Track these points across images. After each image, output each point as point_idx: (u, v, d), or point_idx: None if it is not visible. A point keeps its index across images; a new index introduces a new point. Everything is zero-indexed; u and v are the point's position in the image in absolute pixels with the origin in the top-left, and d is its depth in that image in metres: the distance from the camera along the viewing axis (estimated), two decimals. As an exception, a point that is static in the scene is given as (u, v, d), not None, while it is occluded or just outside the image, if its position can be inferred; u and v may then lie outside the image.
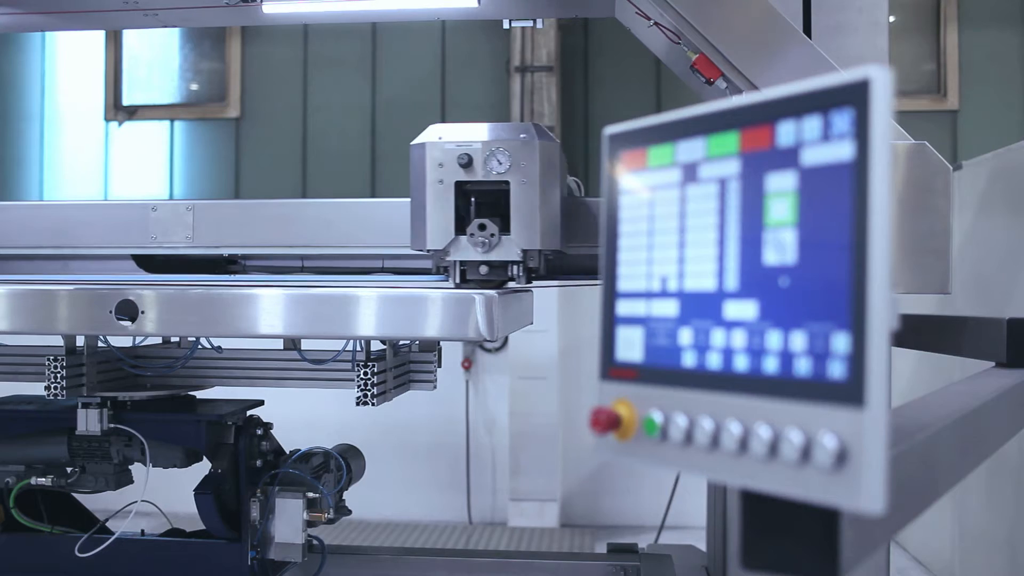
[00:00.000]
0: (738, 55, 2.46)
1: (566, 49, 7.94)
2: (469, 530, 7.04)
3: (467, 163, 2.29)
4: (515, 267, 2.35)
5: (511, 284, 2.40)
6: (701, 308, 0.94)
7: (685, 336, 0.96)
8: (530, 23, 3.11)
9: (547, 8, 3.15)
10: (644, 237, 1.03)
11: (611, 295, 1.05)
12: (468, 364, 7.29)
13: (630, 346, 1.03)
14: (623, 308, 1.04)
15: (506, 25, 3.14)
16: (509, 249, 2.32)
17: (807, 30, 2.61)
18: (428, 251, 2.36)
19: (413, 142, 2.39)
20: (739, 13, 2.51)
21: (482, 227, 2.31)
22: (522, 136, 2.31)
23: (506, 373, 7.23)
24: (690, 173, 0.98)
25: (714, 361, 0.92)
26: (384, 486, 6.00)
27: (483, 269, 2.35)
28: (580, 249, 2.68)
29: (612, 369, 1.04)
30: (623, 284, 1.05)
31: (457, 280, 2.37)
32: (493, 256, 2.33)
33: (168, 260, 2.97)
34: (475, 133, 2.33)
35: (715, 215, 0.94)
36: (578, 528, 7.08)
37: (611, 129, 1.08)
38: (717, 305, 0.92)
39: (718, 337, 0.92)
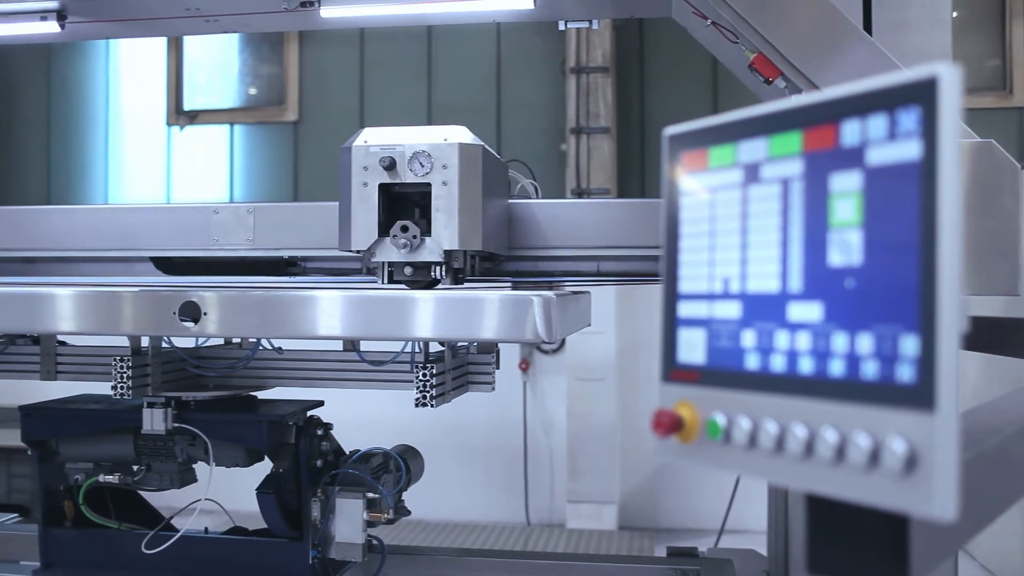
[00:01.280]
0: (798, 54, 2.43)
1: (621, 50, 7.91)
2: (527, 531, 7.04)
3: (390, 166, 2.33)
4: (437, 268, 2.39)
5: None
6: (764, 310, 0.93)
7: (748, 338, 0.95)
8: (586, 24, 3.10)
9: (603, 9, 3.14)
10: (705, 238, 1.02)
11: (672, 297, 1.05)
12: (525, 366, 7.30)
13: (692, 348, 1.02)
14: (685, 310, 1.04)
15: (562, 26, 3.14)
16: (432, 250, 2.36)
17: (868, 27, 2.57)
18: (356, 252, 2.41)
19: (342, 146, 2.44)
20: (798, 11, 2.48)
21: (404, 228, 2.35)
22: (444, 139, 2.35)
23: (563, 374, 7.23)
24: (752, 174, 0.97)
25: (778, 363, 0.91)
26: (442, 487, 6.02)
27: (408, 270, 2.40)
28: (525, 251, 2.74)
29: (674, 371, 1.04)
30: (685, 286, 1.04)
31: (385, 281, 2.41)
32: (417, 257, 2.37)
33: (189, 262, 3.02)
34: (400, 137, 2.37)
35: (778, 216, 0.93)
36: (636, 531, 7.05)
37: (671, 130, 1.08)
38: (781, 307, 0.91)
39: (782, 339, 0.91)
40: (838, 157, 0.88)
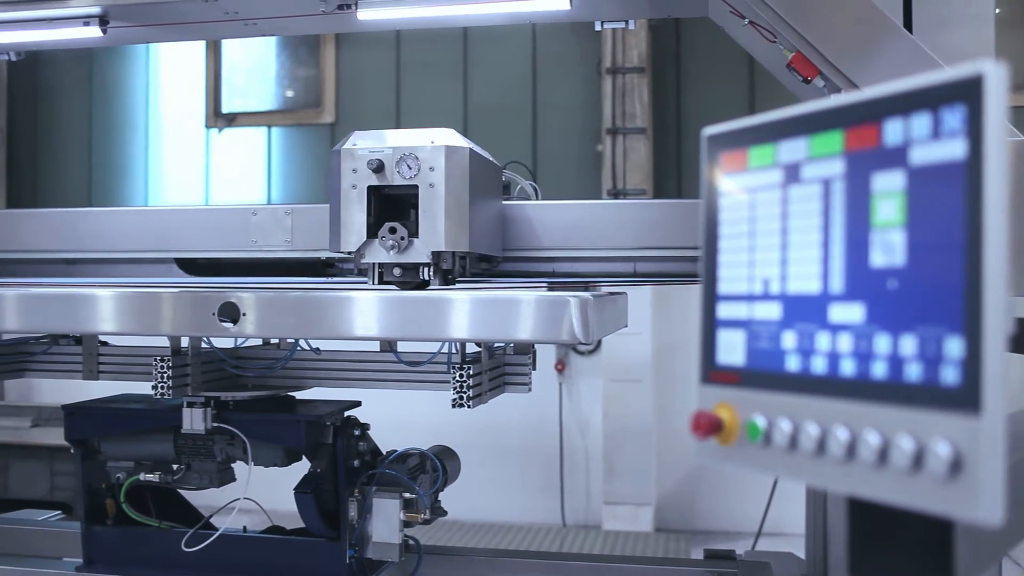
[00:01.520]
0: (837, 52, 2.41)
1: (657, 50, 7.88)
2: (563, 533, 7.03)
3: (377, 168, 2.36)
4: (426, 269, 2.42)
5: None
6: (805, 311, 0.92)
7: (789, 339, 0.94)
8: (622, 24, 3.09)
9: (639, 9, 3.13)
10: (745, 239, 1.01)
11: (711, 298, 1.04)
12: (561, 367, 7.30)
13: (731, 349, 1.01)
14: (724, 311, 1.03)
15: (598, 27, 3.13)
16: (420, 251, 2.39)
17: (908, 25, 2.54)
18: (347, 253, 2.44)
19: (332, 149, 2.46)
20: (837, 9, 2.46)
21: (393, 230, 2.38)
22: (431, 142, 2.37)
23: (599, 375, 7.21)
24: (792, 174, 0.96)
25: (819, 365, 0.90)
26: (478, 487, 6.03)
27: (396, 271, 2.43)
28: (519, 252, 2.78)
29: (713, 373, 1.03)
30: (724, 287, 1.03)
31: (375, 282, 2.44)
32: (405, 258, 2.40)
33: (212, 263, 3.06)
34: (389, 140, 2.40)
35: (819, 216, 0.92)
36: (673, 533, 7.01)
37: (710, 130, 1.07)
38: (822, 308, 0.91)
39: (823, 341, 0.90)
40: (880, 157, 0.87)
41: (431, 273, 2.44)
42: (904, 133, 0.85)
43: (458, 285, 2.53)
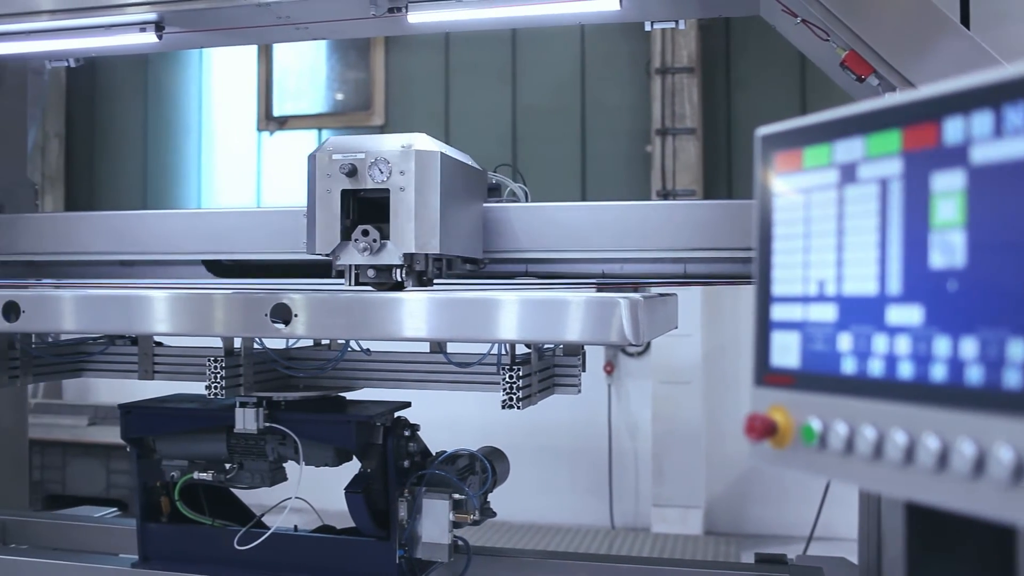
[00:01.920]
0: (891, 50, 2.37)
1: (707, 49, 7.83)
2: (611, 535, 7.01)
3: (350, 172, 2.41)
4: (398, 271, 2.45)
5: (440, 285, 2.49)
6: (861, 313, 0.91)
7: (844, 342, 0.93)
8: (672, 24, 3.07)
9: (690, 8, 3.10)
10: (799, 240, 1.00)
11: (765, 299, 1.03)
12: (610, 368, 7.27)
13: (786, 351, 1.00)
14: (778, 312, 1.02)
15: (648, 27, 3.11)
16: (392, 253, 2.43)
17: (965, 20, 2.49)
18: (325, 255, 2.48)
19: (308, 153, 2.50)
20: (891, 5, 2.42)
21: (365, 232, 2.43)
22: (401, 147, 2.41)
23: (648, 377, 7.18)
24: (848, 174, 0.95)
25: (876, 368, 0.89)
26: (527, 489, 6.03)
27: (370, 272, 2.47)
28: (501, 254, 2.81)
29: (767, 375, 1.02)
30: (778, 288, 1.02)
31: (352, 283, 2.48)
32: (378, 260, 2.44)
33: (238, 265, 3.09)
34: (362, 144, 2.44)
35: (876, 217, 0.91)
36: (722, 536, 6.96)
37: (764, 130, 1.06)
38: (879, 310, 0.89)
39: (880, 343, 0.89)
40: (940, 156, 0.85)
41: (403, 274, 2.47)
42: (965, 132, 0.83)
43: (436, 287, 2.57)
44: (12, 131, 4.05)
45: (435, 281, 2.60)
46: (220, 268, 3.20)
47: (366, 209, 2.49)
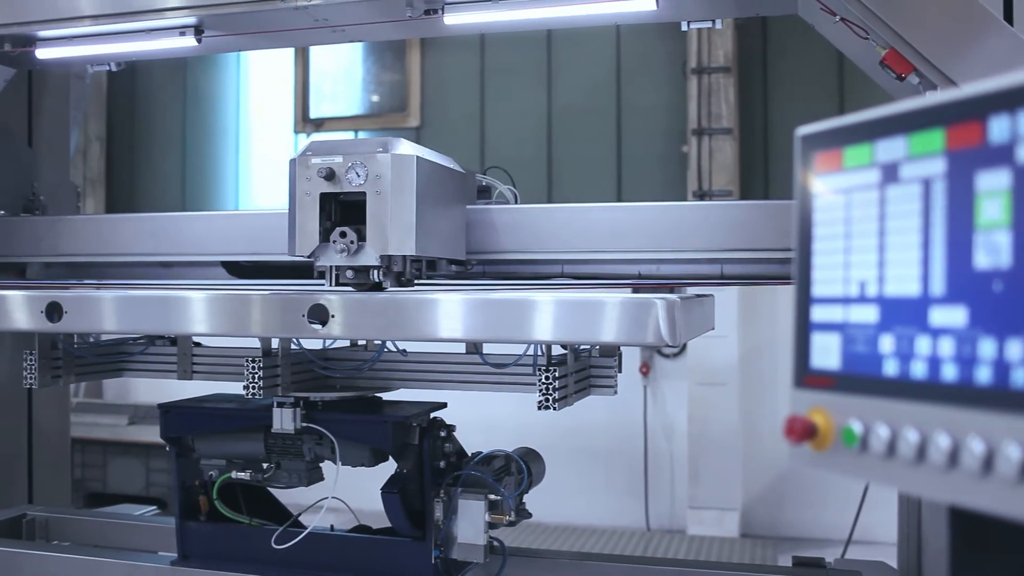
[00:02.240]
0: (932, 48, 2.34)
1: (744, 49, 7.78)
2: (647, 537, 6.98)
3: (328, 176, 2.45)
4: (376, 271, 2.49)
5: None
6: (904, 314, 0.90)
7: (886, 343, 0.92)
8: (709, 24, 3.05)
9: (727, 8, 3.08)
10: (840, 241, 0.99)
11: (805, 300, 1.02)
12: (646, 369, 7.25)
13: (826, 353, 0.99)
14: (818, 314, 1.01)
15: (684, 27, 3.09)
16: (370, 255, 2.47)
17: (1008, 17, 2.45)
18: (306, 257, 2.53)
19: (290, 158, 2.54)
20: (932, 2, 2.39)
21: (343, 234, 2.46)
22: (378, 151, 2.45)
23: (684, 378, 7.15)
24: (890, 173, 0.94)
25: (919, 370, 0.88)
26: (562, 490, 6.02)
27: (349, 273, 2.51)
28: (485, 256, 2.86)
29: (807, 377, 1.01)
30: (818, 289, 1.01)
31: (332, 284, 2.52)
32: (356, 261, 2.48)
33: (256, 266, 3.11)
34: (341, 148, 2.49)
35: (918, 217, 0.90)
36: (759, 539, 6.91)
37: (804, 130, 1.05)
38: (922, 311, 0.88)
39: (923, 345, 0.88)
40: (985, 155, 0.84)
41: (381, 275, 2.51)
42: (1011, 130, 0.82)
43: (416, 287, 2.61)
44: (55, 135, 4.11)
45: (416, 282, 2.64)
46: (239, 269, 3.22)
47: (346, 211, 2.52)
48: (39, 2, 3.05)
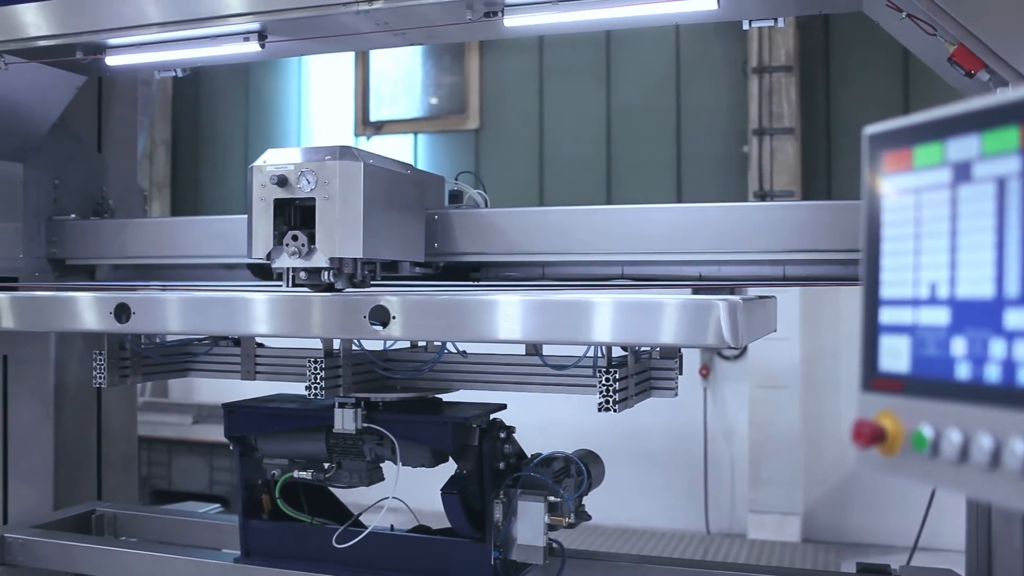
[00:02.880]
0: (1003, 43, 2.29)
1: (806, 47, 7.67)
2: (706, 540, 6.92)
3: (280, 182, 2.57)
4: (326, 273, 2.59)
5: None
6: (977, 316, 0.88)
7: (958, 346, 0.90)
8: (771, 23, 3.01)
9: (790, 6, 3.04)
10: (910, 241, 0.97)
11: (873, 302, 1.00)
12: (706, 371, 7.19)
13: (895, 356, 0.97)
14: (887, 316, 0.99)
15: (746, 26, 3.06)
16: (321, 257, 2.57)
17: (1082, 11, 2.38)
18: (262, 259, 2.64)
19: (249, 165, 2.65)
20: (1002, -3, 2.34)
21: (295, 238, 2.57)
22: (327, 158, 2.56)
23: (745, 381, 7.07)
24: (962, 173, 0.92)
25: (993, 374, 0.85)
26: (620, 492, 6.00)
27: (302, 275, 2.62)
28: (451, 258, 2.97)
29: (875, 380, 0.99)
30: (887, 291, 0.99)
31: (289, 285, 2.63)
32: (309, 263, 2.58)
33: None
34: (294, 156, 2.60)
35: (992, 217, 0.88)
36: (821, 544, 6.81)
37: (872, 129, 1.03)
38: (996, 313, 0.86)
39: (997, 348, 0.85)
40: (1062, 153, 0.81)
41: (332, 276, 2.60)
42: (1089, 127, 0.79)
43: (373, 286, 2.73)
44: (123, 139, 4.20)
45: (373, 283, 2.75)
46: (263, 271, 3.26)
47: (301, 216, 2.62)
48: (109, 11, 3.12)
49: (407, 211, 2.85)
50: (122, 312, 2.71)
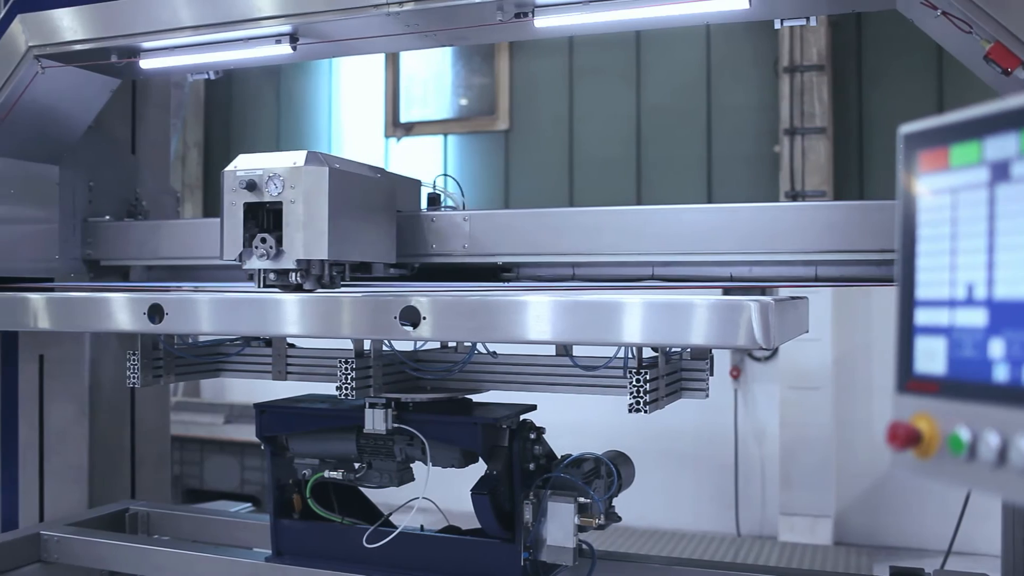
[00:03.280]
0: (1041, 40, 2.26)
1: (838, 46, 7.61)
2: (737, 543, 6.88)
3: (249, 187, 2.67)
4: (294, 274, 2.69)
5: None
6: (1015, 317, 0.87)
7: (996, 348, 0.89)
8: (803, 22, 2.98)
9: (822, 4, 3.02)
10: (946, 242, 0.96)
11: (909, 303, 0.99)
12: (736, 372, 7.15)
13: (931, 357, 0.96)
14: (922, 317, 0.98)
15: (777, 25, 3.03)
16: (289, 259, 2.66)
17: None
18: (232, 260, 2.73)
19: (222, 170, 2.76)
20: (1039, -6, 2.31)
21: (264, 240, 2.67)
22: (293, 163, 2.65)
23: (776, 382, 7.03)
24: (1000, 172, 0.91)
25: (1032, 376, 0.84)
26: (650, 493, 5.98)
27: (271, 276, 2.72)
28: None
29: (910, 382, 0.98)
30: (922, 292, 0.98)
31: (261, 285, 2.73)
32: (277, 265, 2.68)
33: None
34: (263, 162, 2.70)
35: (1031, 216, 0.86)
36: (853, 547, 6.75)
37: (907, 128, 1.02)
38: (1035, 315, 0.85)
39: (1037, 349, 0.84)
40: (1102, 152, 0.80)
41: (300, 278, 2.70)
42: None
43: (344, 287, 2.83)
44: (157, 142, 4.24)
45: (343, 283, 2.85)
46: None
47: (274, 219, 2.70)
48: (143, 15, 3.16)
49: (376, 214, 2.92)
50: (155, 313, 2.74)
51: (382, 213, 2.96)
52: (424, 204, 3.35)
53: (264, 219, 2.72)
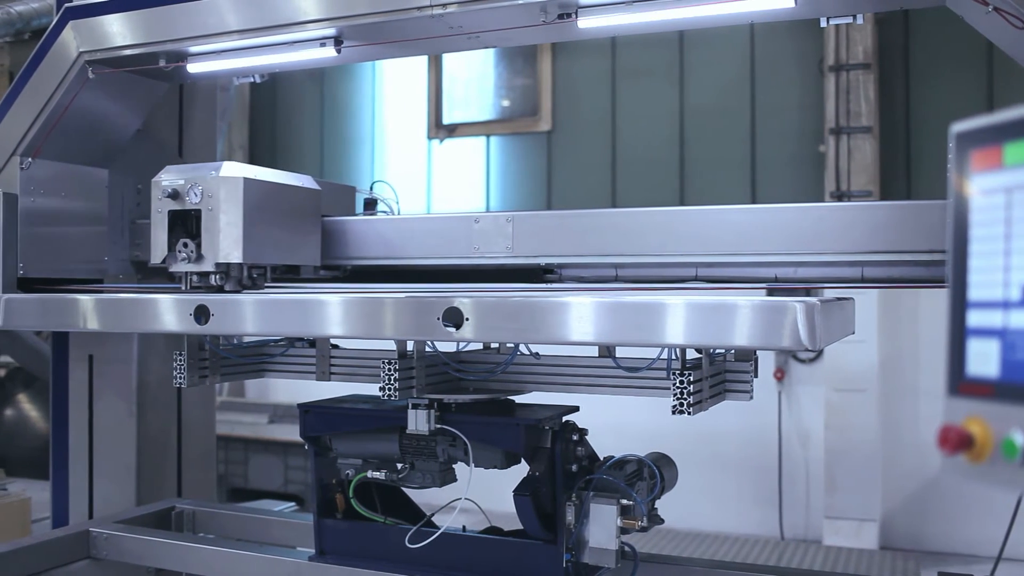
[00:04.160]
0: (1094, 37, 2.21)
1: (884, 44, 7.52)
2: (781, 546, 6.82)
3: (172, 195, 2.90)
4: (214, 276, 2.90)
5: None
6: (1071, 320, 0.85)
7: (1052, 351, 0.87)
8: (849, 19, 2.94)
9: (869, 2, 2.98)
10: (1000, 242, 0.94)
11: (961, 304, 0.97)
12: (780, 374, 7.09)
13: (984, 360, 0.94)
14: (975, 319, 0.96)
15: (823, 23, 3.00)
16: (208, 262, 2.88)
17: None
18: (159, 264, 2.94)
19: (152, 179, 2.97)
20: (1094, -11, 2.26)
21: (186, 244, 2.89)
22: (211, 173, 2.87)
23: (821, 384, 6.96)
24: (1056, 170, 0.89)
25: (1089, 379, 0.82)
26: (693, 496, 5.94)
27: (195, 278, 2.94)
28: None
29: (962, 384, 0.96)
30: (975, 293, 0.96)
31: (187, 287, 2.94)
32: (199, 268, 2.88)
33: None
34: (184, 172, 2.94)
35: (1087, 216, 0.85)
36: (900, 552, 6.66)
37: (959, 126, 1.00)
38: (1092, 317, 0.83)
39: (1094, 352, 0.82)
40: None
41: (219, 280, 2.90)
42: None
43: (268, 287, 3.01)
44: (203, 144, 4.29)
45: (267, 285, 3.05)
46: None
47: (197, 226, 2.90)
48: (191, 20, 3.20)
49: (297, 219, 3.12)
50: (201, 314, 2.78)
51: (304, 219, 3.15)
52: (360, 208, 3.51)
53: (191, 225, 2.91)
